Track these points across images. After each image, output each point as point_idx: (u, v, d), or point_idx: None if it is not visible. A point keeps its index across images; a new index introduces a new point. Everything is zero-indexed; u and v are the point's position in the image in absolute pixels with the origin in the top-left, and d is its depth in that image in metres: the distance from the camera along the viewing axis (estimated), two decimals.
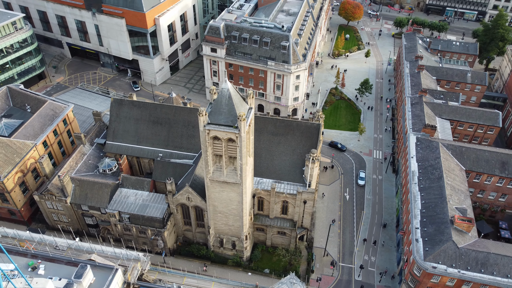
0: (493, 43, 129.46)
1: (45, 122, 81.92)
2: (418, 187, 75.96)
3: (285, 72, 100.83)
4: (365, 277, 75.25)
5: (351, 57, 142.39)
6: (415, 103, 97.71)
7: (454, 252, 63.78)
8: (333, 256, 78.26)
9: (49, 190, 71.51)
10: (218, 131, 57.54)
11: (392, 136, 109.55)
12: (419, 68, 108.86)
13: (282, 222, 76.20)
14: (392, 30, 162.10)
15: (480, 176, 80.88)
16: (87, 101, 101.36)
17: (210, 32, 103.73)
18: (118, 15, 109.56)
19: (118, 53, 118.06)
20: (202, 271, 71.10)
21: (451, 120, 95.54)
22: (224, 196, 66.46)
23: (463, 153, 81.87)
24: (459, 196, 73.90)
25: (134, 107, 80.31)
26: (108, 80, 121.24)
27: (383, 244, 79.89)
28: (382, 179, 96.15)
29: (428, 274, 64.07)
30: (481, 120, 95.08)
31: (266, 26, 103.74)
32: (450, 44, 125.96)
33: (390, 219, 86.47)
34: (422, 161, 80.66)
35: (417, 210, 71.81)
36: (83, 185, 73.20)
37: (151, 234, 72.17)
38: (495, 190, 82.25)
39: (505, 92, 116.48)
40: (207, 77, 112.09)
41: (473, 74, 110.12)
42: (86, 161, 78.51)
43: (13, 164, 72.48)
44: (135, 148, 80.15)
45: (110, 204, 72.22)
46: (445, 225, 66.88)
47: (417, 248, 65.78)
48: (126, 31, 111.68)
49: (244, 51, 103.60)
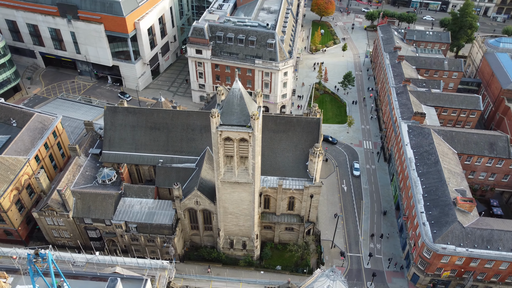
0: (462, 31, 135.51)
1: (35, 136, 78.42)
2: (417, 172, 78.60)
3: (273, 70, 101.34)
4: (374, 265, 77.09)
5: (329, 52, 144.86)
6: (400, 93, 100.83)
7: (461, 232, 66.56)
8: (340, 247, 79.62)
9: (50, 206, 68.54)
10: (231, 131, 57.23)
11: (378, 126, 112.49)
12: (399, 59, 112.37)
13: (289, 218, 76.69)
14: (363, 23, 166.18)
15: (471, 158, 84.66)
16: (71, 111, 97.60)
17: (194, 33, 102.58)
18: (96, 20, 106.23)
19: (97, 60, 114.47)
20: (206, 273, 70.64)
21: (436, 106, 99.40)
22: (235, 197, 66.14)
23: (454, 137, 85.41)
24: (456, 178, 77.10)
25: (129, 114, 78.28)
26: (88, 88, 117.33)
27: (388, 236, 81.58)
28: (375, 168, 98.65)
29: (438, 255, 66.57)
30: (464, 104, 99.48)
31: (250, 25, 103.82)
32: (424, 34, 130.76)
33: (388, 206, 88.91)
34: (417, 148, 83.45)
35: (419, 195, 74.32)
36: (85, 197, 70.68)
37: (161, 241, 70.73)
38: (485, 170, 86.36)
39: (479, 77, 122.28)
40: (193, 79, 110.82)
41: (449, 61, 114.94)
42: (83, 173, 75.83)
43: (8, 182, 68.95)
44: (133, 155, 78.16)
45: (115, 215, 70.14)
46: (449, 207, 69.62)
47: (425, 231, 68.12)
48: (105, 36, 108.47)
49: (230, 51, 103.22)
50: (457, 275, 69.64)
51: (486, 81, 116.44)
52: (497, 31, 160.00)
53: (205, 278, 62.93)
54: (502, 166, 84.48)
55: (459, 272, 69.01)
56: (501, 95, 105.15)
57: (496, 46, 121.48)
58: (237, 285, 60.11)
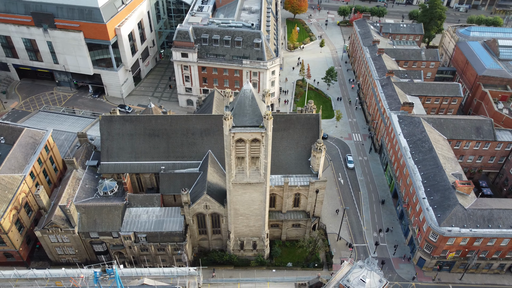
0: (432, 22, 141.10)
1: (28, 152, 75.16)
2: (413, 160, 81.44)
3: (261, 69, 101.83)
4: (380, 253, 79.26)
5: (306, 49, 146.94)
6: (385, 84, 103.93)
7: (463, 214, 69.67)
8: (346, 239, 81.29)
9: (54, 223, 65.96)
10: (244, 133, 57.27)
11: (365, 118, 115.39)
12: (379, 52, 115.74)
13: (295, 214, 77.49)
14: (336, 19, 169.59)
15: (459, 142, 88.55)
16: (57, 123, 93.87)
17: (179, 37, 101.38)
18: (75, 28, 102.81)
19: (77, 69, 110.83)
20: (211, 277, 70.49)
21: (419, 96, 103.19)
22: (246, 198, 66.19)
23: (443, 124, 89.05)
24: (451, 163, 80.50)
25: (126, 122, 76.49)
26: (68, 99, 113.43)
27: (392, 229, 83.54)
28: (367, 159, 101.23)
29: (444, 238, 69.37)
30: (445, 92, 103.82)
31: (234, 25, 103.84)
32: (398, 27, 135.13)
33: (385, 195, 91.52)
34: (409, 137, 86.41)
35: (419, 182, 77.07)
36: (90, 211, 68.53)
37: (172, 249, 69.71)
38: (472, 154, 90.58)
39: (453, 66, 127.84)
40: (179, 83, 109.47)
41: (426, 52, 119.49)
42: (83, 186, 73.48)
43: (7, 202, 65.82)
44: (134, 164, 76.45)
45: (123, 227, 68.45)
46: (449, 191, 72.66)
47: (430, 216, 70.78)
48: (85, 45, 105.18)
49: (217, 53, 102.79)
50: (461, 255, 72.84)
51: (460, 69, 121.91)
52: (461, 21, 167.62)
53: (233, 281, 62.65)
54: (488, 148, 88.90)
55: (463, 252, 72.21)
56: (477, 82, 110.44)
57: (467, 35, 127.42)
58: (265, 285, 60.20)
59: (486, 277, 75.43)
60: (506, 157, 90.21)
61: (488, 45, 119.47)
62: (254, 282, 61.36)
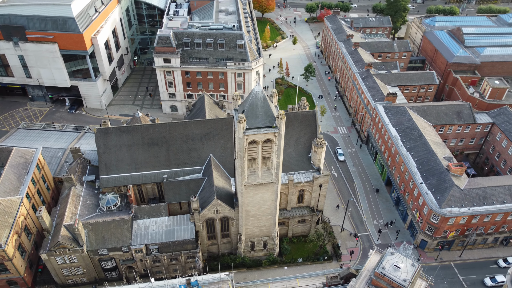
0: (397, 15, 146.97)
1: (20, 172, 71.47)
2: (405, 148, 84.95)
3: (246, 70, 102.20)
4: (383, 239, 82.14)
5: (280, 47, 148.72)
6: (365, 77, 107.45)
7: (460, 194, 73.67)
8: (350, 230, 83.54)
9: (61, 244, 63.25)
10: (258, 134, 57.61)
11: (347, 111, 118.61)
12: (355, 46, 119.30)
13: (300, 211, 78.70)
14: (303, 16, 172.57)
15: (443, 127, 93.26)
16: (40, 141, 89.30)
17: (160, 42, 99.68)
18: (49, 40, 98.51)
19: (52, 82, 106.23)
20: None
21: (398, 85, 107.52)
22: (258, 199, 66.53)
23: (426, 111, 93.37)
24: (440, 147, 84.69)
25: (123, 133, 74.49)
26: (45, 114, 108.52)
27: (394, 221, 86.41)
28: (356, 151, 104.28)
29: (446, 219, 73.09)
30: (422, 80, 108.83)
31: (215, 28, 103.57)
32: (368, 21, 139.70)
33: (379, 184, 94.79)
34: (398, 125, 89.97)
35: (414, 168, 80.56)
36: (97, 228, 66.31)
37: (185, 257, 68.84)
38: (455, 137, 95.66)
39: (421, 55, 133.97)
40: (162, 89, 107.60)
41: (398, 43, 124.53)
42: (84, 203, 70.95)
43: (8, 226, 62.36)
44: (135, 176, 74.65)
45: (133, 240, 66.82)
46: (444, 174, 76.52)
47: (430, 199, 74.26)
48: (60, 56, 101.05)
49: (200, 56, 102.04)
50: (460, 233, 77.00)
51: (430, 57, 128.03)
52: (421, 12, 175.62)
53: (263, 282, 62.77)
54: (469, 131, 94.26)
55: (462, 230, 76.36)
56: (447, 69, 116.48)
57: (432, 25, 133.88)
58: (294, 282, 60.79)
59: (483, 252, 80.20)
60: (485, 137, 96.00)
61: (453, 33, 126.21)
62: (284, 280, 61.79)
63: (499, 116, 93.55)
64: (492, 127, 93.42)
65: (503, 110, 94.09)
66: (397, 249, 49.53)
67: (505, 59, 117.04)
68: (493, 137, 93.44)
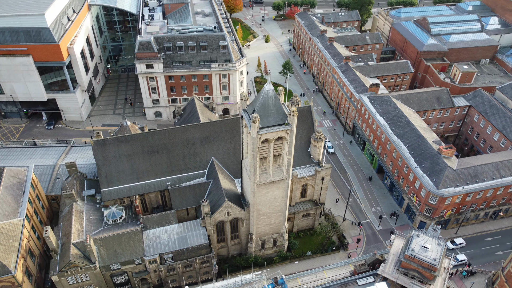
0: (363, 8, 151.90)
1: (16, 193, 67.78)
2: (396, 135, 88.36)
3: (231, 71, 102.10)
4: (383, 225, 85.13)
5: (252, 46, 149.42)
6: (345, 70, 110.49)
7: (454, 175, 77.77)
8: (351, 219, 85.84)
9: (73, 263, 60.79)
10: (271, 132, 58.08)
11: (328, 104, 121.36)
12: (330, 40, 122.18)
13: (304, 205, 79.93)
14: (270, 14, 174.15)
15: (425, 113, 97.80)
16: (26, 158, 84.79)
17: (141, 48, 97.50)
18: (22, 53, 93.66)
19: (27, 97, 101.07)
20: None
21: (377, 76, 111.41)
22: (269, 197, 67.03)
23: (409, 99, 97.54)
24: (427, 132, 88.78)
25: (121, 143, 72.48)
26: (22, 131, 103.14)
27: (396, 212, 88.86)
28: (343, 142, 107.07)
29: (443, 199, 76.90)
30: (398, 70, 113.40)
31: (196, 30, 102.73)
32: (338, 16, 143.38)
33: (370, 172, 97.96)
34: (385, 114, 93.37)
35: (407, 154, 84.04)
36: (108, 242, 64.25)
37: (199, 263, 68.18)
38: (436, 121, 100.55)
39: (391, 46, 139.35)
40: (145, 96, 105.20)
41: (370, 36, 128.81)
42: (88, 218, 68.47)
43: (15, 251, 59.07)
44: (138, 186, 72.87)
45: (146, 251, 65.34)
46: (436, 157, 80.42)
47: (427, 182, 77.83)
48: (35, 69, 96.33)
49: (183, 60, 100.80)
50: (456, 211, 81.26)
51: (399, 48, 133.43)
52: (381, 4, 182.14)
53: (293, 277, 63.14)
54: (449, 114, 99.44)
55: (457, 208, 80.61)
56: (419, 57, 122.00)
57: (399, 17, 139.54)
58: (322, 274, 61.71)
59: (475, 227, 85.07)
60: (463, 119, 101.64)
61: (420, 23, 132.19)
62: (313, 273, 62.64)
63: (474, 98, 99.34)
64: (469, 109, 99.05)
65: (478, 92, 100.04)
66: (424, 231, 51.82)
67: (469, 45, 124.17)
68: (471, 118, 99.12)
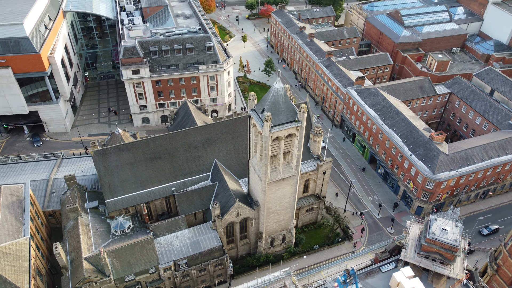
0: (336, 4, 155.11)
1: (17, 211, 64.86)
2: (387, 125, 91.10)
3: (218, 72, 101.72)
4: (383, 213, 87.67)
5: (230, 46, 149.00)
6: (329, 65, 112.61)
7: (447, 160, 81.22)
8: (351, 210, 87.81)
9: (87, 278, 58.96)
10: (282, 130, 58.60)
11: (313, 100, 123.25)
12: (310, 37, 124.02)
13: (307, 200, 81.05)
14: (243, 13, 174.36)
15: (411, 102, 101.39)
16: (16, 175, 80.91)
17: (126, 53, 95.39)
18: (1, 65, 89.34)
19: (7, 110, 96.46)
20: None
21: (359, 69, 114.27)
22: (278, 194, 67.58)
23: (394, 90, 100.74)
24: (416, 120, 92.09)
25: (122, 151, 70.83)
26: (3, 146, 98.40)
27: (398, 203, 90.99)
28: (333, 136, 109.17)
29: (439, 183, 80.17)
30: (378, 62, 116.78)
31: (180, 33, 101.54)
32: (313, 12, 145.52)
33: (362, 163, 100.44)
34: (374, 106, 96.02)
35: (400, 142, 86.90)
36: (121, 254, 62.68)
37: (213, 266, 67.80)
38: (420, 110, 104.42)
39: (366, 39, 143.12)
40: (132, 102, 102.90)
41: (347, 30, 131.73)
42: (95, 231, 66.53)
43: (26, 271, 56.57)
44: (142, 194, 71.47)
45: (160, 259, 64.28)
46: (429, 144, 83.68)
47: (423, 168, 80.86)
48: (15, 81, 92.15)
49: (169, 63, 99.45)
50: (450, 194, 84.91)
51: (375, 40, 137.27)
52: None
53: (316, 271, 63.74)
54: (432, 102, 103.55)
55: (451, 191, 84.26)
56: (395, 49, 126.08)
57: (372, 10, 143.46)
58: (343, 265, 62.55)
59: (467, 208, 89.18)
60: (444, 106, 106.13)
61: (393, 16, 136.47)
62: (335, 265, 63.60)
63: (454, 85, 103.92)
64: (450, 96, 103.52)
65: (456, 80, 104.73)
66: (441, 214, 54.04)
67: (441, 34, 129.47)
68: (452, 105, 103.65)
